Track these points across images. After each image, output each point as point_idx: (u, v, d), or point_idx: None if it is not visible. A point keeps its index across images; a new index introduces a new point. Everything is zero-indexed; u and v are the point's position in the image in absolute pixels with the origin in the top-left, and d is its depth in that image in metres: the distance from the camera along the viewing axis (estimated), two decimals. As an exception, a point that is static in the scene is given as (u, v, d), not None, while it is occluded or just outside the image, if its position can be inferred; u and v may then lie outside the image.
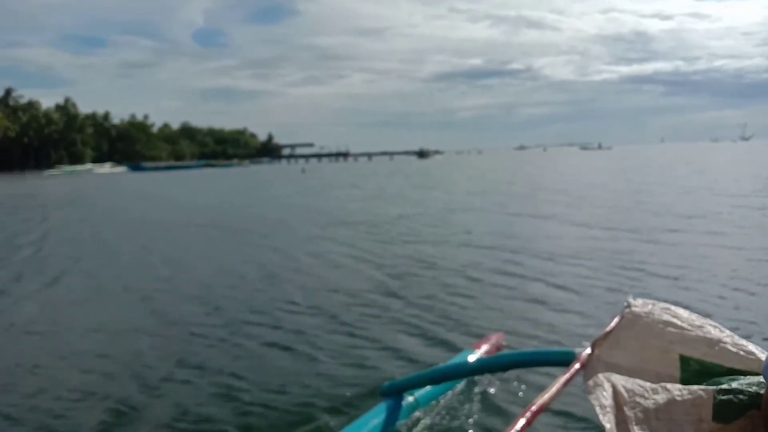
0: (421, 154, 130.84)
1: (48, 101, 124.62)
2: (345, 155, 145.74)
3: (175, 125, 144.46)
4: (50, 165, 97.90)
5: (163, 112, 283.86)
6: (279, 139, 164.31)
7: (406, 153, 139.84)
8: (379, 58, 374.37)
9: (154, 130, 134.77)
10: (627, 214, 13.98)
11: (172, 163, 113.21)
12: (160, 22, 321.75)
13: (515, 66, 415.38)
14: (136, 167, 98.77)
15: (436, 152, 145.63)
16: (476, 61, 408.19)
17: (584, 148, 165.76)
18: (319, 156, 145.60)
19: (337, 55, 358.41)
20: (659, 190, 20.48)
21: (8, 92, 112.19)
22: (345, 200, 23.01)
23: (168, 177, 62.41)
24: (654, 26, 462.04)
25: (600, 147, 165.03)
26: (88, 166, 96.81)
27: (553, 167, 50.27)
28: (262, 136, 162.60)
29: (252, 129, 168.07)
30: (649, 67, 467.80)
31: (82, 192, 37.45)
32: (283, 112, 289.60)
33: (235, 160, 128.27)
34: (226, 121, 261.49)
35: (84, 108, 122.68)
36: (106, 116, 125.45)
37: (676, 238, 10.17)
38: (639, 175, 31.52)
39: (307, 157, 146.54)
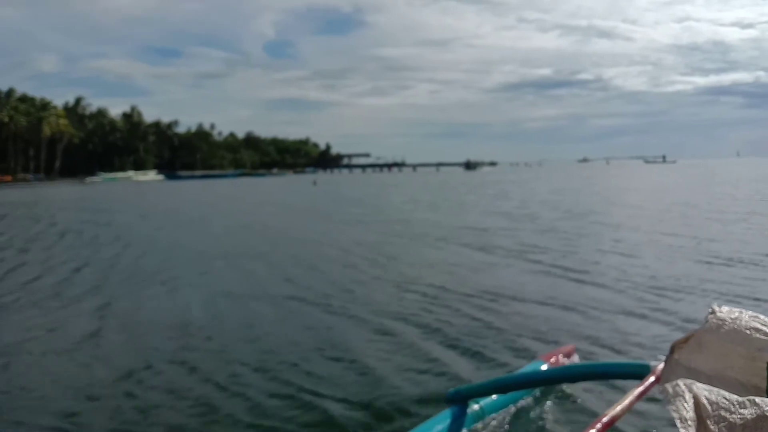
0: (468, 165, 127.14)
1: (123, 110, 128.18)
2: (396, 165, 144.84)
3: (241, 134, 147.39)
4: (113, 171, 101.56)
5: (232, 122, 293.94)
6: (342, 149, 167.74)
7: (455, 164, 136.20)
8: (445, 69, 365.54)
9: (220, 139, 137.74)
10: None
11: (208, 172, 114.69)
12: (233, 34, 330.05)
13: (585, 76, 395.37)
14: (171, 175, 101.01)
15: (492, 163, 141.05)
16: (545, 71, 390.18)
17: (647, 161, 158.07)
18: (363, 167, 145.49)
19: (403, 66, 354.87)
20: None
21: (78, 101, 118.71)
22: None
23: (195, 185, 63.17)
24: (733, 35, 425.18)
25: (664, 160, 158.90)
26: (129, 173, 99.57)
27: (597, 181, 45.98)
28: (324, 146, 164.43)
29: (317, 139, 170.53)
30: (727, 78, 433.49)
31: (83, 199, 37.23)
32: (348, 122, 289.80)
33: (274, 170, 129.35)
34: (293, 131, 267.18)
35: (159, 117, 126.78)
36: (170, 125, 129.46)
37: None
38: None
39: (351, 167, 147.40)
